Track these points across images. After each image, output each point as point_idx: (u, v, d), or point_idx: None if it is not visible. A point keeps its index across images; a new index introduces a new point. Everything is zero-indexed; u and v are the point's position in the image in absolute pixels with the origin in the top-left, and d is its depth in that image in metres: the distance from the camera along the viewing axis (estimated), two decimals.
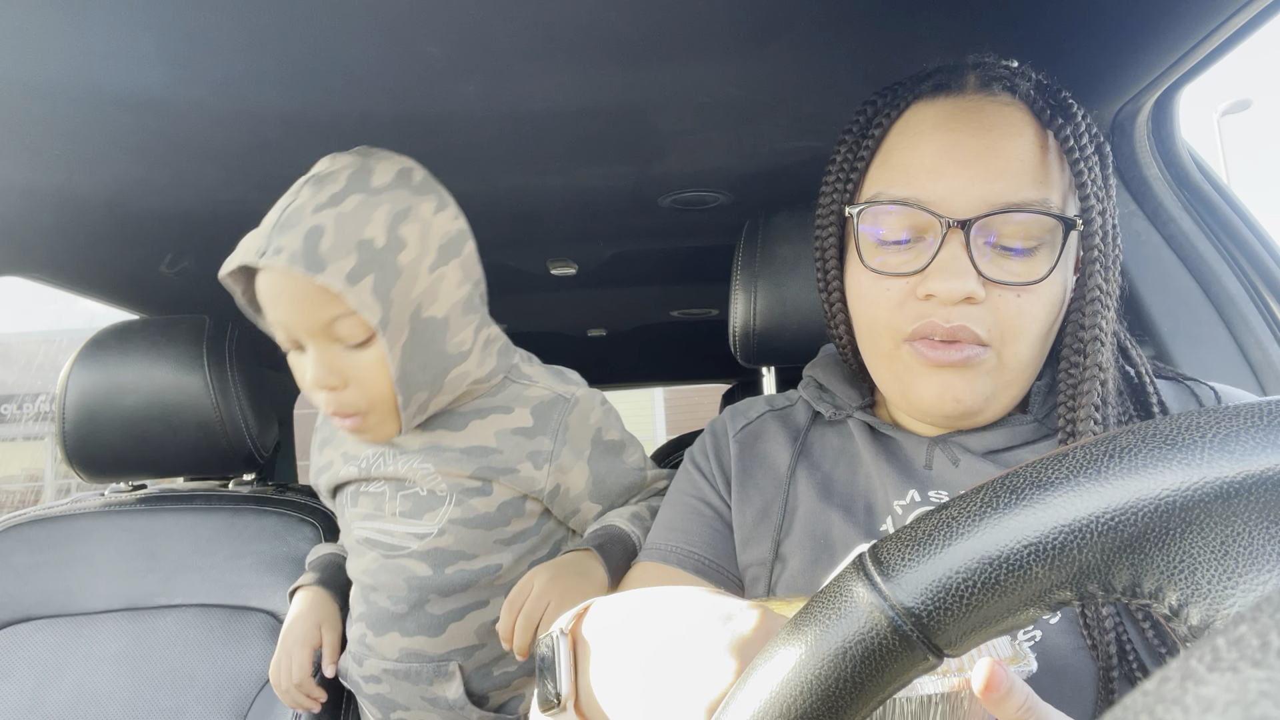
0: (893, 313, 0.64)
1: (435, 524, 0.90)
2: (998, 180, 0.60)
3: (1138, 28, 0.82)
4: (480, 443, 0.89)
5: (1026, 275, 0.61)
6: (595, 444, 0.93)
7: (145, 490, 1.35)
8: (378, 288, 0.78)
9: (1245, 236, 1.00)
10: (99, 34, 0.78)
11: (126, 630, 1.18)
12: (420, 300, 0.82)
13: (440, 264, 0.84)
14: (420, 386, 0.85)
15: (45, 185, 1.14)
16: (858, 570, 0.29)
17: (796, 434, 0.77)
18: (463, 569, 0.90)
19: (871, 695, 0.28)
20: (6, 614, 1.20)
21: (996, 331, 0.61)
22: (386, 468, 0.92)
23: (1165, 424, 0.26)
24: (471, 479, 0.89)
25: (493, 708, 0.94)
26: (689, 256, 1.81)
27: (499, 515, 0.90)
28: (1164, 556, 0.26)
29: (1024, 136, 0.62)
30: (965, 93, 0.64)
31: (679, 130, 1.11)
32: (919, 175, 0.62)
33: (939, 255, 0.60)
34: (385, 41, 0.83)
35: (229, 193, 1.23)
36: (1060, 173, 0.62)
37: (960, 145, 0.61)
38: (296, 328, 0.82)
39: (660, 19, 0.81)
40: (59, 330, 6.67)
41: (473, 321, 0.88)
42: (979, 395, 0.63)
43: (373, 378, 0.83)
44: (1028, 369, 0.64)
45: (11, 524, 1.27)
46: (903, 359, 0.64)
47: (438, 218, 0.85)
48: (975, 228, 0.60)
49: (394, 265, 0.80)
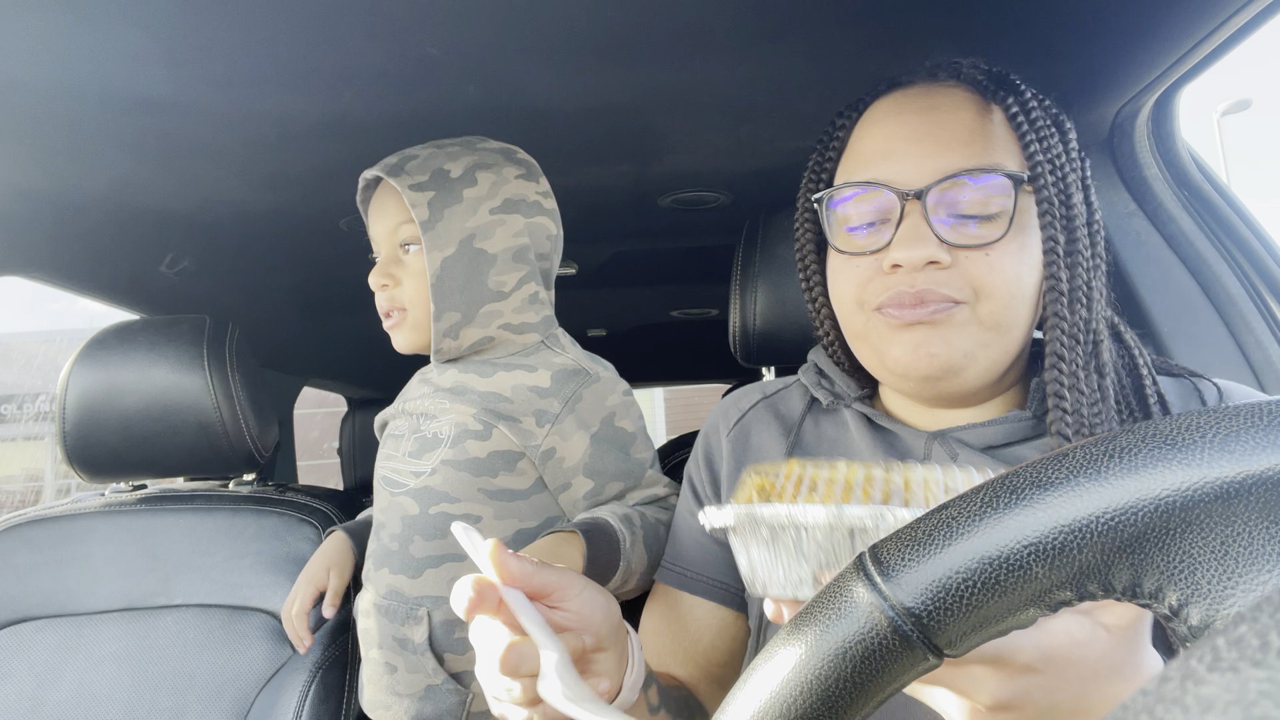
0: (862, 288, 0.67)
1: (430, 464, 0.95)
2: (947, 151, 0.64)
3: (1138, 28, 0.82)
4: (497, 390, 0.96)
5: (986, 236, 0.63)
6: (605, 424, 0.96)
7: (145, 490, 1.35)
8: (434, 202, 0.93)
9: (1245, 236, 1.00)
10: (99, 34, 0.78)
11: (126, 630, 1.18)
12: (475, 231, 0.95)
13: (503, 211, 0.96)
14: (453, 306, 0.95)
15: (45, 185, 1.14)
16: (858, 570, 0.29)
17: (790, 426, 0.78)
18: (444, 510, 0.94)
19: (871, 695, 0.28)
20: (6, 614, 1.20)
21: (969, 289, 0.63)
22: (415, 403, 1.01)
23: (1165, 424, 0.26)
24: (475, 420, 0.94)
25: (450, 670, 0.96)
26: (689, 256, 1.81)
27: (488, 463, 0.94)
28: (1164, 556, 0.26)
29: (968, 111, 0.66)
30: (914, 84, 0.69)
31: (679, 130, 1.11)
32: (875, 159, 0.67)
33: (900, 227, 0.64)
34: (385, 41, 0.83)
35: (229, 193, 1.23)
36: (1010, 142, 0.65)
37: (908, 125, 0.66)
38: (376, 228, 0.99)
39: (660, 19, 0.81)
40: (59, 330, 6.67)
41: (522, 270, 0.98)
42: (955, 349, 0.63)
43: (415, 281, 0.97)
44: (1008, 329, 0.64)
45: (11, 524, 1.27)
46: (875, 327, 0.67)
47: (517, 181, 0.98)
48: (931, 196, 0.63)
49: (457, 193, 0.94)
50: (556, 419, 0.94)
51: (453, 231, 0.94)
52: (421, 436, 0.98)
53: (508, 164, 0.99)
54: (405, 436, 1.00)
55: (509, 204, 0.97)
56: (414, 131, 1.05)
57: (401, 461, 0.99)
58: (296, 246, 1.53)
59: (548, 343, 1.01)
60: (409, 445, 0.99)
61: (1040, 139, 0.64)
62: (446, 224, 0.94)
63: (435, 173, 0.94)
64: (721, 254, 1.35)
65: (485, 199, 0.95)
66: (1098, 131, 1.02)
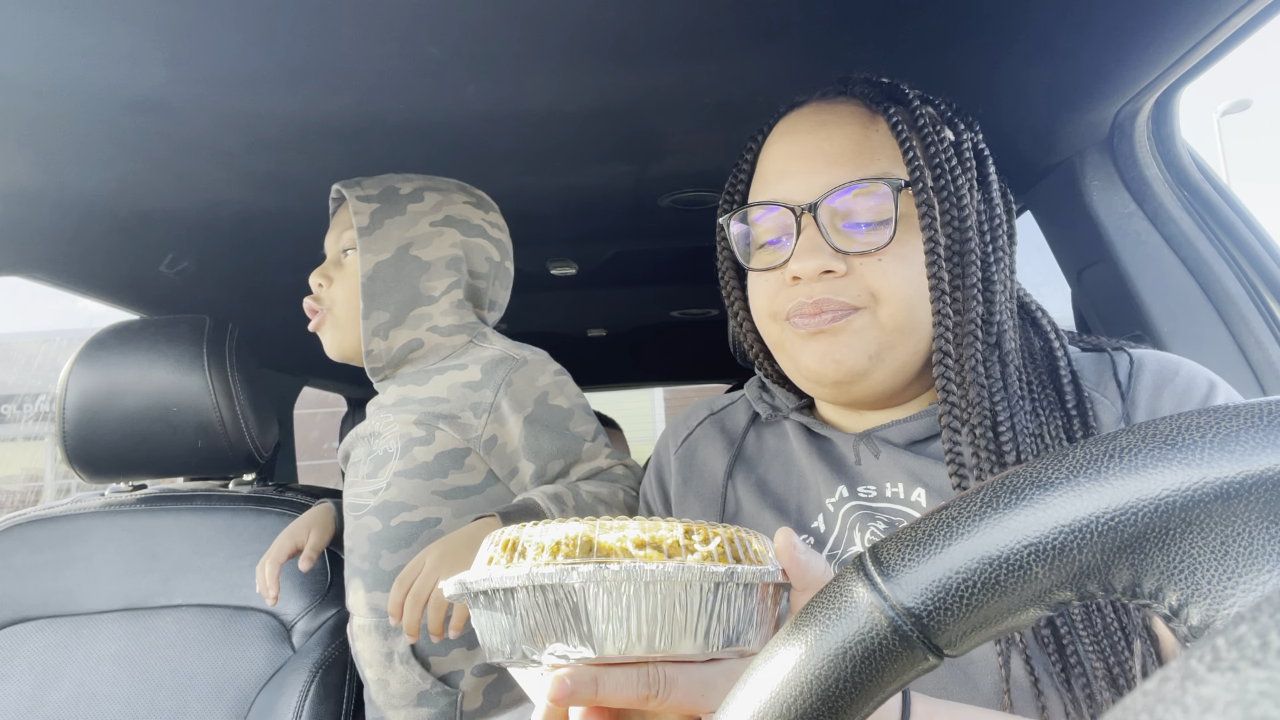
0: (771, 300, 0.70)
1: (384, 479, 0.99)
2: (833, 166, 0.67)
3: (1138, 28, 0.82)
4: (435, 394, 1.00)
5: (876, 241, 0.66)
6: (538, 404, 0.99)
7: (145, 490, 1.35)
8: (377, 213, 1.00)
9: (1245, 236, 1.00)
10: (99, 34, 0.78)
11: (126, 630, 1.18)
12: (413, 240, 1.01)
13: (442, 225, 1.03)
14: (382, 305, 1.00)
15: (45, 185, 1.14)
16: (858, 570, 0.29)
17: (734, 439, 0.80)
18: (405, 520, 0.97)
19: (871, 695, 0.28)
20: (6, 614, 1.20)
21: (866, 295, 0.66)
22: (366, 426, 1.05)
23: (1165, 424, 0.26)
24: (417, 426, 0.98)
25: (436, 674, 0.98)
26: (689, 256, 1.81)
27: (437, 465, 0.97)
28: (1164, 556, 0.26)
29: (853, 125, 0.69)
30: (809, 103, 0.73)
31: (679, 130, 1.11)
32: (772, 179, 0.70)
33: (798, 241, 0.67)
34: (385, 41, 0.83)
35: (229, 193, 1.23)
36: (895, 150, 0.68)
37: (799, 143, 0.70)
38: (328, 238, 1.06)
39: (660, 19, 0.81)
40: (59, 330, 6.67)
41: (452, 278, 1.03)
42: (858, 354, 0.66)
43: (347, 281, 1.03)
44: (914, 330, 0.67)
45: (11, 524, 1.27)
46: (789, 337, 0.70)
47: (464, 205, 1.05)
48: (821, 209, 0.66)
49: (402, 206, 1.02)
50: (492, 408, 0.97)
51: (390, 239, 1.00)
52: (375, 456, 1.02)
53: (459, 192, 1.07)
54: (362, 462, 1.04)
55: (449, 219, 1.03)
56: (414, 131, 1.05)
57: (361, 485, 1.03)
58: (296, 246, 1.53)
59: (475, 340, 1.05)
60: (365, 468, 1.03)
61: (925, 143, 0.67)
62: (385, 232, 1.00)
63: (386, 189, 1.03)
64: None
65: (427, 213, 1.02)
66: (1098, 131, 1.02)
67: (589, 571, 0.37)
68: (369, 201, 1.01)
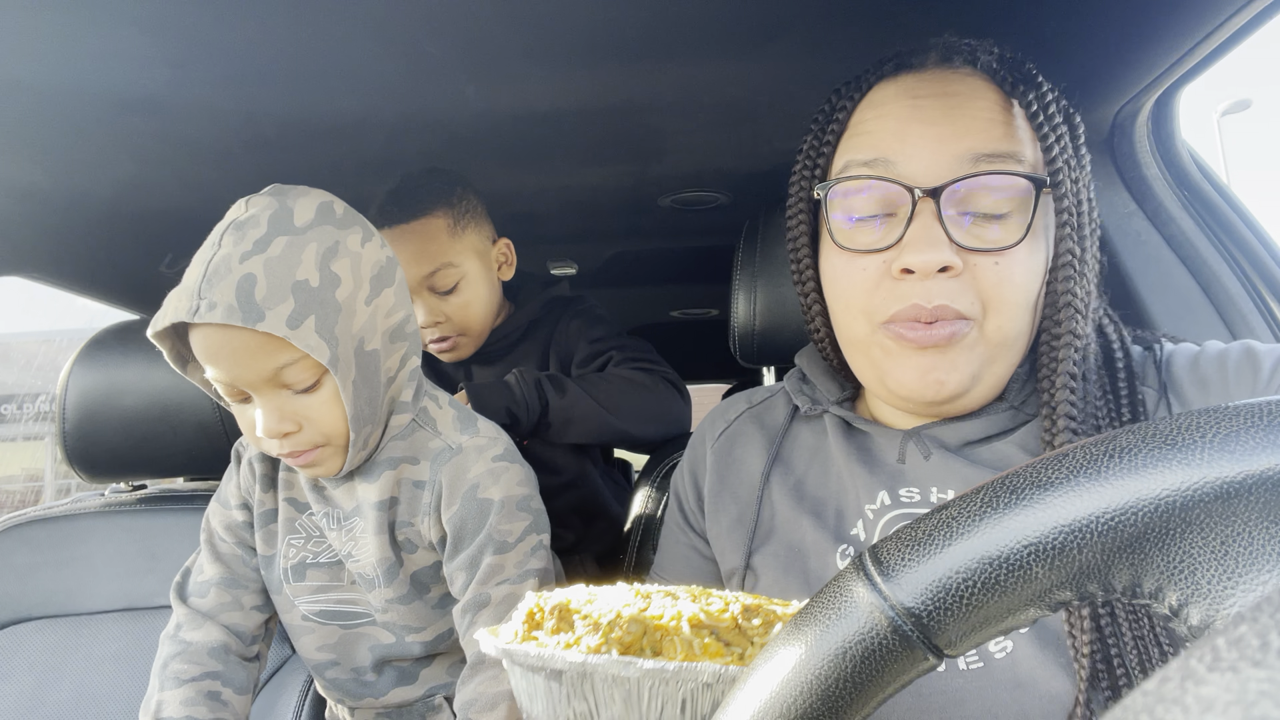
0: (869, 294, 0.61)
1: (380, 601, 0.90)
2: (965, 136, 0.58)
3: (1138, 28, 0.82)
4: (389, 495, 0.88)
5: (1002, 241, 0.58)
6: (466, 499, 0.87)
7: (145, 490, 1.35)
8: (320, 327, 0.77)
9: (1245, 236, 1.00)
10: (99, 34, 0.78)
11: (126, 630, 1.17)
12: (362, 334, 0.82)
13: (374, 295, 0.83)
14: (368, 420, 0.84)
15: (45, 185, 1.14)
16: (858, 570, 0.29)
17: (773, 436, 0.76)
18: (421, 640, 0.92)
19: (871, 695, 0.28)
20: (6, 614, 1.20)
21: (978, 304, 0.58)
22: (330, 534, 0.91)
23: (1165, 424, 0.26)
24: (391, 550, 0.88)
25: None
26: (689, 256, 1.81)
27: (415, 589, 0.90)
28: (1164, 556, 0.25)
29: (987, 99, 0.60)
30: (926, 68, 0.64)
31: (679, 130, 1.11)
32: (885, 139, 0.61)
33: (911, 227, 0.58)
34: (385, 41, 0.83)
35: (229, 193, 1.23)
36: (1028, 136, 0.60)
37: (923, 109, 0.60)
38: (241, 380, 0.79)
39: (660, 19, 0.81)
40: (59, 330, 6.66)
41: (400, 349, 0.87)
42: (963, 375, 0.59)
43: (326, 417, 0.82)
44: (1013, 344, 0.61)
45: (11, 524, 1.27)
46: (881, 343, 0.61)
47: (366, 249, 0.83)
48: (945, 195, 0.57)
49: (333, 302, 0.78)
50: (430, 509, 0.88)
51: (348, 349, 0.80)
52: (360, 571, 0.90)
53: (344, 233, 0.82)
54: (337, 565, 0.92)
55: (375, 283, 0.83)
56: (414, 131, 1.05)
57: (346, 591, 0.92)
58: None
59: (419, 420, 0.91)
60: (349, 576, 0.92)
61: (1059, 139, 0.59)
62: (343, 346, 0.79)
63: (295, 289, 0.76)
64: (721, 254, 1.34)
65: (355, 292, 0.81)
66: (1098, 131, 1.02)
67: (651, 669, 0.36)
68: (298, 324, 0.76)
